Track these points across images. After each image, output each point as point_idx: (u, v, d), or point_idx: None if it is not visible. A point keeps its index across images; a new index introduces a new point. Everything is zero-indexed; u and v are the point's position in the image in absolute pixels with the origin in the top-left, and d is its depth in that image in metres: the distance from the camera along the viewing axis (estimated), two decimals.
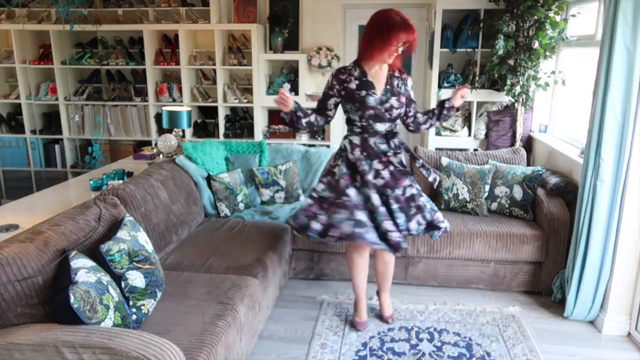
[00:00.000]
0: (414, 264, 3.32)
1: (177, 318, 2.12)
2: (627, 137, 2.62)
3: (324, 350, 2.67)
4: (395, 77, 2.62)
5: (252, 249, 2.89)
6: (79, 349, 1.65)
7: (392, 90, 2.58)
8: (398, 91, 2.60)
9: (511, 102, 4.38)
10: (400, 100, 2.59)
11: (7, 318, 1.82)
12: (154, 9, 5.11)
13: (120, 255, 2.06)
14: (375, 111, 2.55)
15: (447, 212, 3.53)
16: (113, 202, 2.48)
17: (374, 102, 2.54)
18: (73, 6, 4.82)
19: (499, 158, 3.73)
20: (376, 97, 2.55)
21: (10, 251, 1.84)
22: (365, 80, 2.56)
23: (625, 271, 2.77)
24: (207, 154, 3.59)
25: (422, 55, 5.05)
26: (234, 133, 5.16)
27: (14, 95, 5.42)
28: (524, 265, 3.25)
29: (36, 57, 5.33)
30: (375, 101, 2.55)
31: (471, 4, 4.37)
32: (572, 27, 3.94)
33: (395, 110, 2.58)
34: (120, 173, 3.49)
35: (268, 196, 3.69)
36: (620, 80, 2.59)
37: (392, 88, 2.59)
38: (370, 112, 2.55)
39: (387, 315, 2.94)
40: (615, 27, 2.53)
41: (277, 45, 4.96)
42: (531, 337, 2.79)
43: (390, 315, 2.95)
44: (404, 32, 2.45)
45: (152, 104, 5.19)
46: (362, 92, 2.55)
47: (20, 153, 5.42)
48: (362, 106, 2.55)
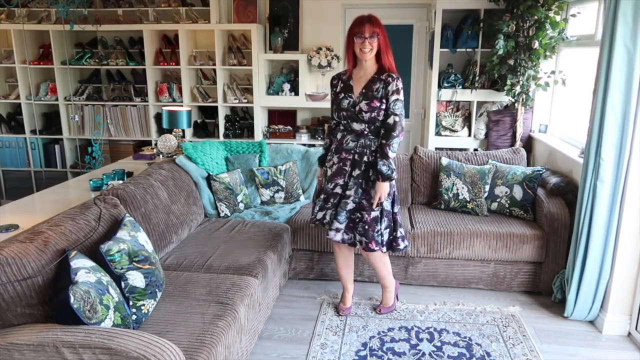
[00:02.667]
0: (414, 264, 3.32)
1: (177, 318, 2.12)
2: (627, 137, 2.62)
3: (324, 350, 2.67)
4: (380, 80, 2.67)
5: (252, 249, 2.89)
6: (79, 349, 1.65)
7: (366, 93, 2.67)
8: (373, 95, 2.65)
9: (511, 102, 4.39)
10: (371, 104, 2.64)
11: (7, 318, 1.82)
12: (154, 9, 5.11)
13: (120, 256, 2.06)
14: (348, 112, 2.71)
15: (447, 212, 3.53)
16: (113, 202, 2.48)
17: (347, 104, 2.71)
18: (73, 6, 4.82)
19: (499, 158, 3.73)
20: (350, 100, 2.71)
21: (10, 251, 1.84)
22: (347, 84, 2.74)
23: (625, 271, 2.77)
24: (207, 154, 3.59)
25: (422, 55, 5.05)
26: (234, 133, 5.16)
27: (14, 95, 5.42)
28: (524, 265, 3.25)
29: (36, 57, 5.33)
30: (348, 104, 2.71)
31: (471, 4, 4.37)
32: (572, 27, 3.94)
33: (364, 113, 2.66)
34: (120, 173, 3.49)
35: (268, 196, 3.69)
36: (620, 80, 2.59)
37: (367, 92, 2.67)
38: (344, 113, 2.72)
39: (379, 307, 3.07)
40: (615, 27, 2.54)
41: (277, 45, 4.96)
42: (531, 337, 2.79)
43: (381, 307, 3.06)
44: (356, 25, 2.63)
45: (152, 104, 5.19)
46: (341, 94, 2.75)
47: (20, 153, 5.42)
48: (338, 108, 2.75)
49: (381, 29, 2.62)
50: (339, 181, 2.76)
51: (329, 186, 2.79)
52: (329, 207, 2.80)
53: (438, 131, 4.73)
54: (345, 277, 3.03)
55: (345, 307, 3.04)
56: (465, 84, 4.56)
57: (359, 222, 2.74)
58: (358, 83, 2.71)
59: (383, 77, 2.65)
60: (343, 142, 2.76)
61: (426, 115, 4.93)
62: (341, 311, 3.03)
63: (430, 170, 3.73)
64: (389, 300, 3.05)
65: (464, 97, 4.57)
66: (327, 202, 2.80)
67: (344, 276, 3.03)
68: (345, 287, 3.06)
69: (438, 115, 4.73)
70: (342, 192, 2.77)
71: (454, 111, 4.78)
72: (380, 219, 2.75)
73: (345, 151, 2.74)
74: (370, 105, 2.64)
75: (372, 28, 2.58)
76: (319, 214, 2.83)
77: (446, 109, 4.78)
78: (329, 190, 2.79)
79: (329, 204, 2.80)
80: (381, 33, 2.62)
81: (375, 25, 2.60)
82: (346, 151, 2.74)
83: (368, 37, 2.59)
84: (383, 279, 2.99)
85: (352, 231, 2.77)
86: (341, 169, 2.75)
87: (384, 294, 3.06)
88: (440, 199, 3.61)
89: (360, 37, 2.61)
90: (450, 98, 4.59)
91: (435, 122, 4.68)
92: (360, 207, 2.73)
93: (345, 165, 2.75)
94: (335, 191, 2.77)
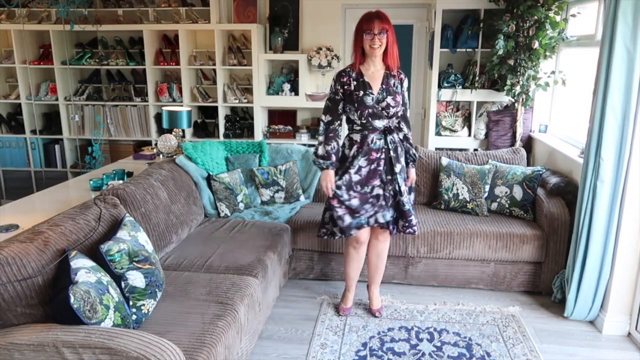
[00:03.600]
0: (414, 264, 3.32)
1: (177, 318, 2.12)
2: (627, 137, 2.62)
3: (324, 350, 2.67)
4: (392, 77, 2.71)
5: (252, 249, 2.89)
6: (79, 349, 1.65)
7: (387, 89, 2.68)
8: (394, 90, 2.69)
9: (511, 102, 4.38)
10: (396, 99, 2.69)
11: (7, 318, 1.82)
12: (154, 9, 5.11)
13: (120, 256, 2.06)
14: (373, 110, 2.66)
15: (447, 212, 3.53)
16: (113, 202, 2.48)
17: (371, 101, 2.66)
18: (73, 6, 4.82)
19: (499, 158, 3.73)
20: (373, 97, 2.66)
21: (10, 251, 1.84)
22: (362, 81, 2.68)
23: (625, 271, 2.77)
24: (207, 154, 3.59)
25: (422, 55, 5.05)
26: (234, 133, 5.16)
27: (14, 95, 5.42)
28: (524, 265, 3.25)
29: (36, 57, 5.33)
30: (373, 100, 2.66)
31: (471, 4, 4.37)
32: (572, 27, 3.94)
33: (392, 108, 2.68)
34: (120, 173, 3.49)
35: (268, 196, 3.69)
36: (620, 80, 2.59)
37: (388, 87, 2.69)
38: (368, 110, 2.66)
39: (375, 308, 3.02)
40: (615, 27, 2.54)
41: (277, 45, 4.96)
42: (531, 337, 2.79)
43: (378, 308, 3.03)
44: (365, 21, 2.61)
45: (152, 104, 5.19)
46: (359, 92, 2.66)
47: (20, 153, 5.42)
48: (360, 106, 2.66)
49: (389, 25, 2.62)
50: (376, 182, 2.71)
51: (366, 190, 2.71)
52: (376, 211, 2.74)
53: (438, 131, 4.73)
54: (354, 277, 3.01)
55: (346, 308, 3.04)
56: (465, 84, 4.56)
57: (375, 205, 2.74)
58: (374, 80, 2.68)
59: (395, 74, 2.71)
60: (369, 143, 2.68)
61: (426, 115, 4.93)
62: (342, 311, 3.03)
63: (430, 170, 3.73)
64: (379, 298, 3.07)
65: (464, 97, 4.57)
66: (369, 205, 2.72)
67: (354, 277, 3.01)
68: (350, 287, 3.05)
69: (438, 115, 4.73)
70: (383, 193, 2.73)
71: (454, 111, 4.78)
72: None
73: (375, 151, 2.69)
74: (395, 101, 2.67)
75: (381, 24, 2.58)
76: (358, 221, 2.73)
77: (446, 109, 4.78)
78: (368, 196, 2.71)
79: (375, 208, 2.73)
80: (390, 29, 2.62)
81: (384, 22, 2.59)
82: (376, 151, 2.69)
83: (377, 33, 2.58)
84: (381, 271, 3.02)
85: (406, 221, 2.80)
86: (375, 171, 2.70)
87: (376, 293, 3.05)
88: (440, 199, 3.61)
89: (369, 34, 2.59)
90: (450, 98, 4.59)
91: (435, 122, 4.68)
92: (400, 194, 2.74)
93: (379, 166, 2.70)
94: (375, 193, 2.72)
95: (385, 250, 2.98)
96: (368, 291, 3.08)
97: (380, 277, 3.04)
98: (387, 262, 3.15)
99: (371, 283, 3.05)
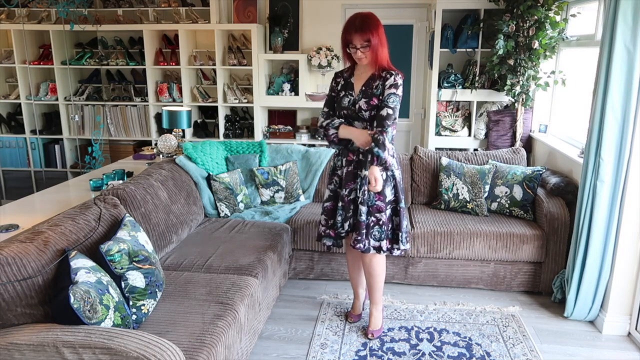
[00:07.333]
0: (414, 264, 3.32)
1: (177, 318, 2.12)
2: (627, 137, 2.62)
3: (324, 350, 2.67)
4: (379, 77, 2.54)
5: (252, 249, 2.89)
6: (79, 349, 1.65)
7: (366, 91, 2.55)
8: (372, 93, 2.53)
9: (511, 102, 4.38)
10: (370, 102, 2.53)
11: (7, 318, 1.82)
12: (154, 9, 5.11)
13: (120, 255, 2.06)
14: (348, 111, 2.61)
15: (447, 212, 3.53)
16: (113, 202, 2.48)
17: (347, 102, 2.61)
18: (73, 6, 4.82)
19: (499, 158, 3.73)
20: (350, 98, 2.61)
21: (10, 251, 1.85)
22: (348, 82, 2.65)
23: (625, 271, 2.77)
24: (207, 154, 3.59)
25: (422, 55, 5.05)
26: (234, 133, 5.16)
27: (14, 95, 5.42)
28: (524, 265, 3.25)
29: (36, 57, 5.33)
30: (349, 102, 2.61)
31: (471, 4, 4.37)
32: (572, 27, 3.94)
33: (364, 112, 2.54)
34: (120, 173, 3.49)
35: (268, 196, 3.70)
36: (620, 80, 2.59)
37: (368, 89, 2.55)
38: (344, 111, 2.63)
39: (369, 329, 2.79)
40: (615, 27, 2.54)
41: (277, 45, 4.96)
42: (531, 337, 2.79)
43: (372, 330, 2.78)
44: (347, 32, 2.51)
45: (152, 104, 5.19)
46: (341, 92, 2.65)
47: (20, 153, 5.42)
48: (339, 106, 2.65)
49: (373, 32, 2.43)
50: (352, 186, 2.63)
51: (344, 192, 2.64)
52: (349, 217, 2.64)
53: (438, 131, 4.73)
54: (356, 283, 2.93)
55: (353, 315, 2.95)
56: (465, 84, 4.56)
57: (374, 226, 2.59)
58: (358, 81, 2.61)
59: (383, 74, 2.53)
60: (347, 143, 2.62)
61: (426, 115, 4.93)
62: (350, 318, 2.95)
63: (430, 170, 3.73)
64: (379, 320, 2.82)
65: (464, 97, 4.57)
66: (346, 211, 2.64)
67: (356, 283, 2.94)
68: (356, 292, 2.96)
69: (438, 115, 4.73)
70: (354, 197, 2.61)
71: (454, 111, 4.78)
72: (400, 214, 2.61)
73: (352, 152, 2.63)
74: (369, 104, 2.52)
75: (362, 38, 2.43)
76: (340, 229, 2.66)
77: (446, 109, 4.78)
78: (345, 198, 2.63)
79: (350, 213, 2.63)
80: (373, 37, 2.43)
81: (366, 32, 2.42)
82: (352, 152, 2.63)
83: (359, 47, 2.46)
84: (378, 291, 2.77)
85: (367, 237, 2.59)
86: (350, 173, 2.63)
87: (374, 314, 2.81)
88: (440, 199, 3.61)
89: (352, 47, 2.49)
90: (450, 98, 4.59)
91: (435, 122, 4.68)
92: (376, 209, 2.57)
93: (355, 169, 2.62)
94: (352, 197, 2.62)
95: (372, 265, 2.69)
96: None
97: (376, 295, 2.78)
98: (387, 262, 3.15)
99: (372, 301, 2.83)
